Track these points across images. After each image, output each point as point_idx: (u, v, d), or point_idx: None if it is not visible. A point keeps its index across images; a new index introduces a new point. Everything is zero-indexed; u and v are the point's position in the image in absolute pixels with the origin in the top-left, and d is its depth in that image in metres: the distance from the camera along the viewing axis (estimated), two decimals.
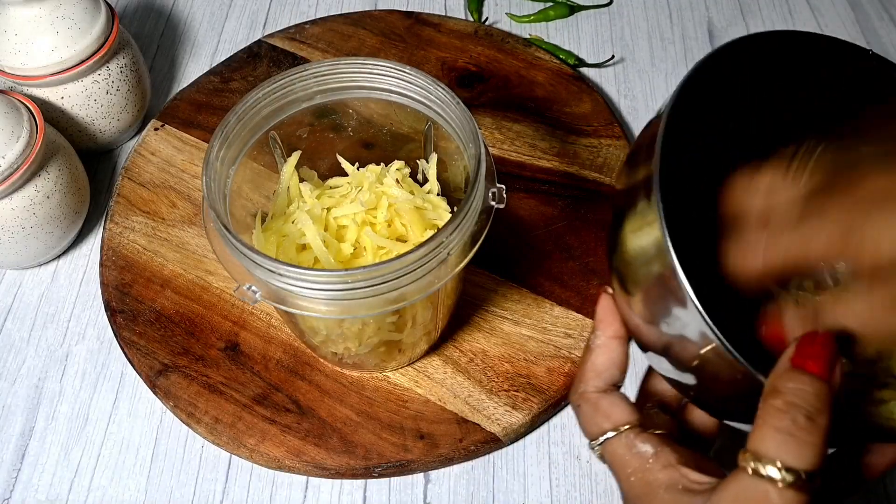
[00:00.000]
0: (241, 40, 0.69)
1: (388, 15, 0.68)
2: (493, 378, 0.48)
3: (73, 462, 0.47)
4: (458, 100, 0.40)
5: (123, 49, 0.57)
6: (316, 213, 0.44)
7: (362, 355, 0.45)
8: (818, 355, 0.26)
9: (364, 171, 0.47)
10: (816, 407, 0.25)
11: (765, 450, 0.25)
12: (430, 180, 0.48)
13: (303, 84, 0.43)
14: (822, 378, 0.26)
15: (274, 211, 0.46)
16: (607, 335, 0.33)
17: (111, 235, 0.55)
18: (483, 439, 0.46)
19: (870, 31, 0.70)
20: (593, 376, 0.33)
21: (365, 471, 0.45)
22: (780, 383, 0.26)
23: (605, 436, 0.31)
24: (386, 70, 0.42)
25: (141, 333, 0.50)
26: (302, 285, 0.35)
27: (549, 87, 0.63)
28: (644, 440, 0.30)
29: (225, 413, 0.47)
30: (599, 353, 0.33)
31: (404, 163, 0.48)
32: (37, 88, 0.54)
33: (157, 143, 0.60)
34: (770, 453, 0.25)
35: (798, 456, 0.24)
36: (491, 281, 0.52)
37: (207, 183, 0.38)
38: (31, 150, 0.48)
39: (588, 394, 0.32)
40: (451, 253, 0.36)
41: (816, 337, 0.27)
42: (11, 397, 0.49)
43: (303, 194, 0.46)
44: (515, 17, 0.70)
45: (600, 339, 0.33)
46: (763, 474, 0.25)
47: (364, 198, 0.45)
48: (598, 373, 0.33)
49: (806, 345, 0.26)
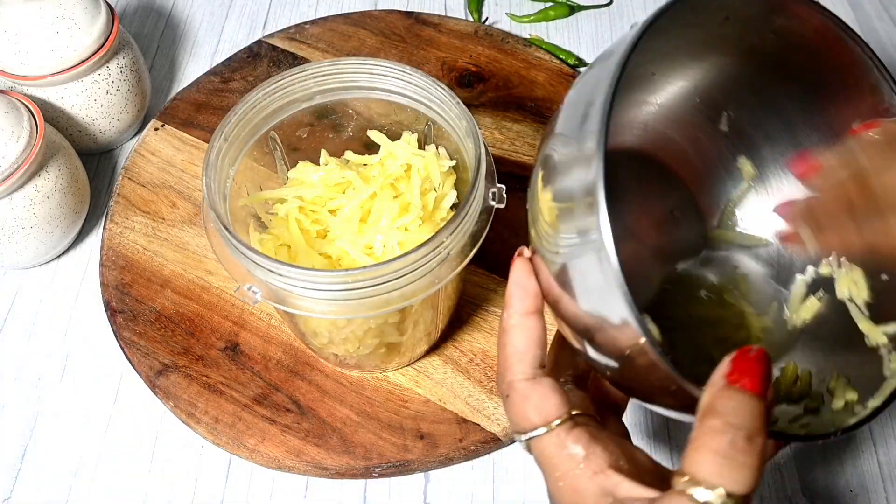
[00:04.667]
0: (241, 40, 0.69)
1: (388, 15, 0.68)
2: (493, 378, 0.48)
3: (73, 462, 0.47)
4: (458, 100, 0.40)
5: (123, 49, 0.57)
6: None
7: (362, 356, 0.45)
8: (754, 372, 0.25)
9: (398, 142, 0.47)
10: (755, 427, 0.24)
11: (704, 474, 0.24)
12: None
13: (303, 84, 0.43)
14: (758, 396, 0.25)
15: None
16: (521, 312, 0.31)
17: (111, 235, 0.55)
18: (483, 439, 0.46)
19: (870, 31, 0.70)
20: (517, 361, 0.30)
21: (365, 471, 0.45)
22: (717, 402, 0.25)
23: (534, 432, 0.29)
24: (386, 70, 0.42)
25: (141, 333, 0.50)
26: (302, 285, 0.35)
27: (549, 87, 0.63)
28: (575, 439, 0.29)
29: (225, 413, 0.47)
30: (517, 333, 0.31)
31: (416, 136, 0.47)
32: (37, 88, 0.54)
33: (157, 143, 0.60)
34: (709, 478, 0.24)
35: (737, 480, 0.24)
36: (491, 281, 0.52)
37: (207, 183, 0.38)
38: (31, 150, 0.48)
39: (516, 382, 0.30)
40: (451, 253, 0.36)
41: (750, 353, 0.26)
42: (11, 397, 0.49)
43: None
44: (515, 17, 0.70)
45: (514, 318, 0.31)
46: (700, 500, 0.24)
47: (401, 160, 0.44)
48: (521, 356, 0.30)
49: (741, 361, 0.25)
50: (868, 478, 0.46)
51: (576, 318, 0.29)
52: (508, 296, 0.31)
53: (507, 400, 0.31)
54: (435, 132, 0.45)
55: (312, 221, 0.44)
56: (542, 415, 0.29)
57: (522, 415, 0.30)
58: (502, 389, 0.31)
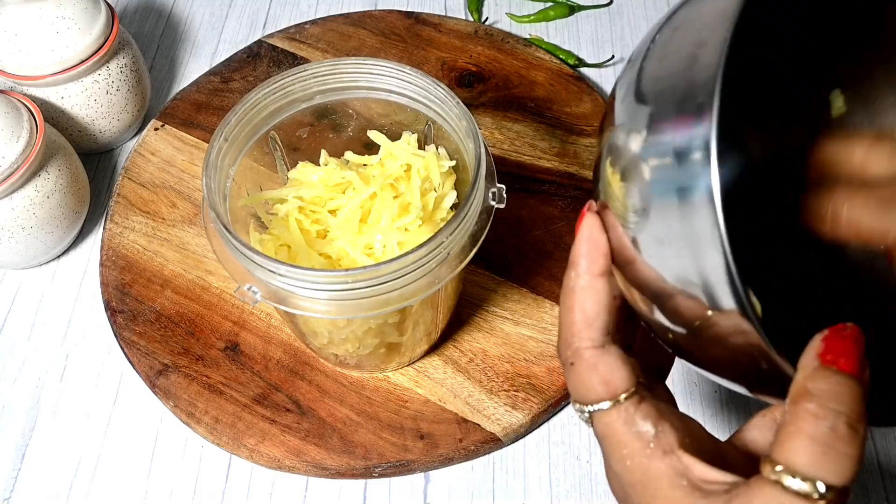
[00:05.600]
0: (241, 40, 0.69)
1: (388, 15, 0.68)
2: (493, 378, 0.48)
3: (73, 462, 0.47)
4: (458, 100, 0.40)
5: (123, 49, 0.57)
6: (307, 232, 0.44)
7: (362, 356, 0.45)
8: (850, 351, 0.23)
9: (397, 143, 0.47)
10: (856, 412, 0.22)
11: (800, 463, 0.22)
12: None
13: (303, 84, 0.43)
14: (855, 377, 0.23)
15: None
16: (592, 273, 0.28)
17: (111, 235, 0.55)
18: (483, 439, 0.46)
19: None
20: (585, 327, 0.28)
21: (365, 471, 0.45)
22: (812, 384, 0.23)
23: (600, 405, 0.27)
24: (386, 70, 0.43)
25: (141, 333, 0.50)
26: (302, 285, 0.35)
27: (549, 87, 0.63)
28: (644, 415, 0.26)
29: (225, 413, 0.47)
30: (586, 296, 0.28)
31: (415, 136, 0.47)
32: (37, 88, 0.54)
33: (157, 143, 0.60)
34: (806, 468, 0.22)
35: (837, 471, 0.22)
36: (491, 281, 0.52)
37: (207, 183, 0.38)
38: (31, 150, 0.48)
39: (583, 350, 0.28)
40: (451, 253, 0.36)
41: (845, 330, 0.23)
42: (11, 397, 0.49)
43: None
44: (515, 17, 0.70)
45: (584, 278, 0.28)
46: (794, 489, 0.22)
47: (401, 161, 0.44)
48: (590, 322, 0.28)
49: (835, 339, 0.23)
50: (868, 478, 0.46)
51: (650, 282, 0.25)
52: (576, 255, 0.28)
53: (571, 368, 0.28)
54: (435, 132, 0.45)
55: (312, 221, 0.44)
56: (609, 387, 0.27)
57: (588, 386, 0.27)
58: (566, 356, 0.28)
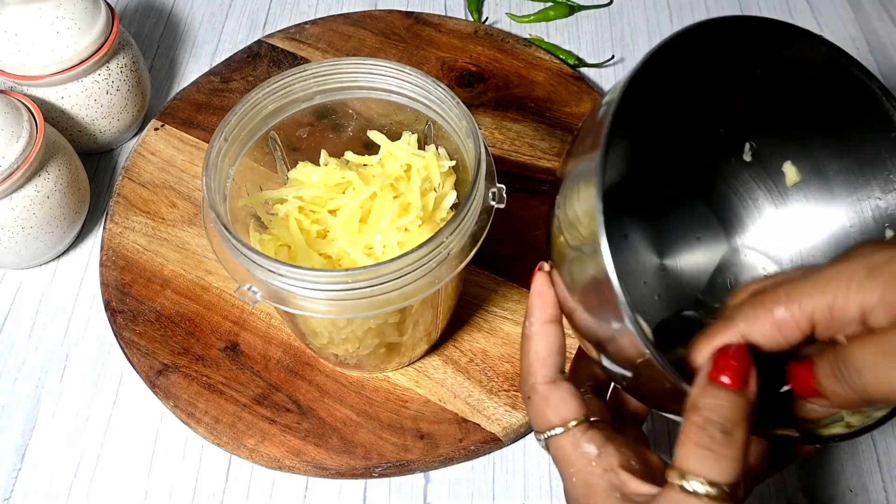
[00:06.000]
0: (241, 40, 0.69)
1: (388, 15, 0.68)
2: (493, 378, 0.48)
3: (73, 462, 0.47)
4: (458, 100, 0.40)
5: (123, 49, 0.57)
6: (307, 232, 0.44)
7: (362, 356, 0.45)
8: (732, 368, 0.27)
9: (397, 143, 0.47)
10: (733, 420, 0.26)
11: (689, 466, 0.26)
12: None
13: (303, 84, 0.43)
14: (737, 390, 0.27)
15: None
16: (542, 321, 0.33)
17: (111, 235, 0.55)
18: (483, 439, 0.46)
19: (870, 31, 0.70)
20: (539, 366, 0.33)
21: (365, 471, 0.45)
22: (699, 399, 0.27)
23: (552, 431, 0.32)
24: (386, 70, 0.42)
25: (141, 333, 0.50)
26: (302, 285, 0.35)
27: (549, 87, 0.63)
28: (589, 440, 0.31)
29: (225, 413, 0.47)
30: (539, 340, 0.33)
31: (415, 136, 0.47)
32: (37, 88, 0.54)
33: (157, 143, 0.60)
34: (693, 469, 0.26)
35: (718, 470, 0.26)
36: (491, 281, 0.52)
37: (207, 183, 0.38)
38: (31, 150, 0.48)
39: (538, 385, 0.33)
40: (451, 253, 0.36)
41: (730, 350, 0.27)
42: (11, 397, 0.49)
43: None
44: (515, 17, 0.70)
45: (536, 325, 0.33)
46: (690, 490, 0.26)
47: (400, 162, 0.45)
48: (542, 361, 0.33)
49: (721, 358, 0.27)
50: (868, 478, 0.46)
51: (588, 329, 0.31)
52: (530, 306, 0.34)
53: (528, 401, 0.33)
54: (435, 132, 0.45)
55: (312, 221, 0.44)
56: (559, 416, 0.32)
57: (542, 415, 0.32)
58: (525, 392, 0.34)
